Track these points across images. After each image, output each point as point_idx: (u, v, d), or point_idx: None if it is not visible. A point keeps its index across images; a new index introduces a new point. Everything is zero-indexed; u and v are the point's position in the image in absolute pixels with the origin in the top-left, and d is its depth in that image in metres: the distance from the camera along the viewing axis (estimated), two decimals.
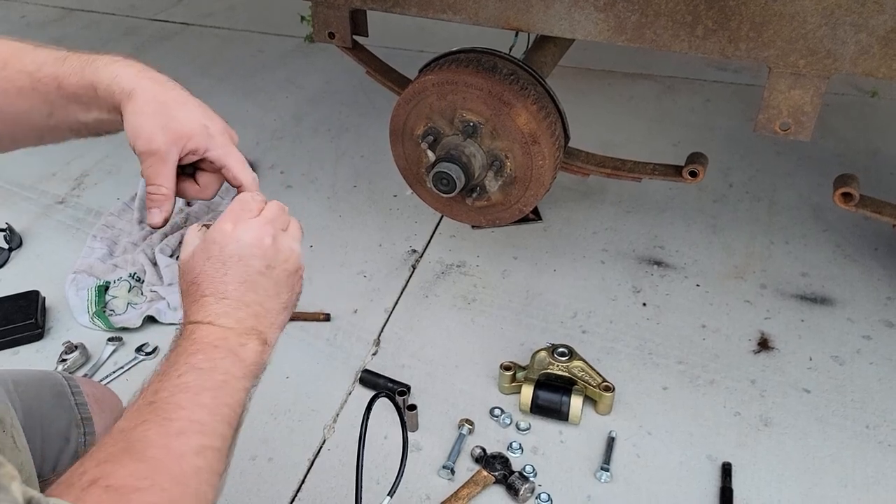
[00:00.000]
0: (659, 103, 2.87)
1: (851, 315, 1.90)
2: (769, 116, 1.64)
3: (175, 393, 0.66)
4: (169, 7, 3.92)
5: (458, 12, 1.78)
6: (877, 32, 1.45)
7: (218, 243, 0.79)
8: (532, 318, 1.95)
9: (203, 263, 0.78)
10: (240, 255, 0.79)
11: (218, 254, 0.79)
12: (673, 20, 1.59)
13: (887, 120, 2.71)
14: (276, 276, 0.81)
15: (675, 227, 2.24)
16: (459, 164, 1.74)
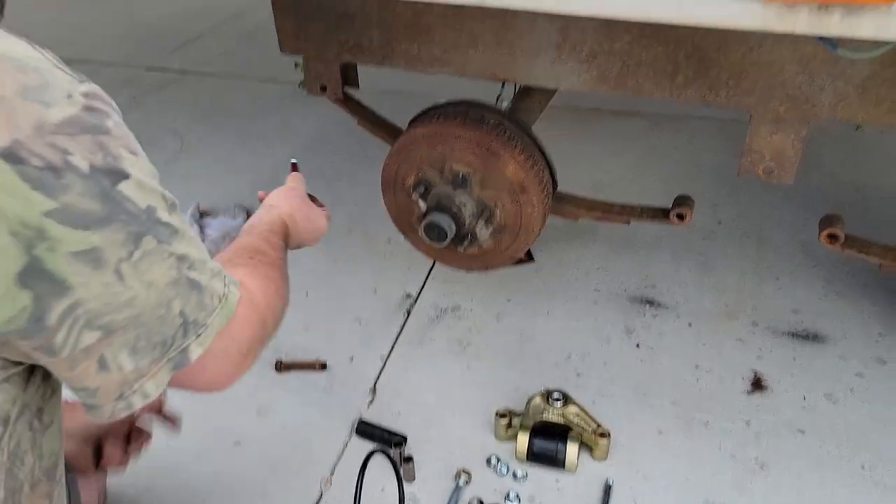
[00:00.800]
0: (646, 141, 2.92)
1: (843, 352, 1.91)
2: (752, 160, 1.67)
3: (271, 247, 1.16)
4: (166, 55, 3.99)
5: (445, 65, 1.82)
6: (853, 80, 1.49)
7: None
8: (527, 361, 1.96)
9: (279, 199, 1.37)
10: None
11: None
12: (654, 69, 1.64)
13: (872, 153, 2.75)
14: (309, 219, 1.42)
15: (666, 266, 2.27)
16: (450, 213, 1.77)
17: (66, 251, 0.63)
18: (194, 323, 0.75)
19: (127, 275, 0.67)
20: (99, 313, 0.66)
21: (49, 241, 0.62)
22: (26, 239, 0.61)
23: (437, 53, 1.81)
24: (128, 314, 0.68)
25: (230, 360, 0.84)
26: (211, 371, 0.81)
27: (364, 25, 1.85)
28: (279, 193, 1.40)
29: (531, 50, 1.71)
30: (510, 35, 1.71)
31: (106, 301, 0.66)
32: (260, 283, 0.96)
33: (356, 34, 1.87)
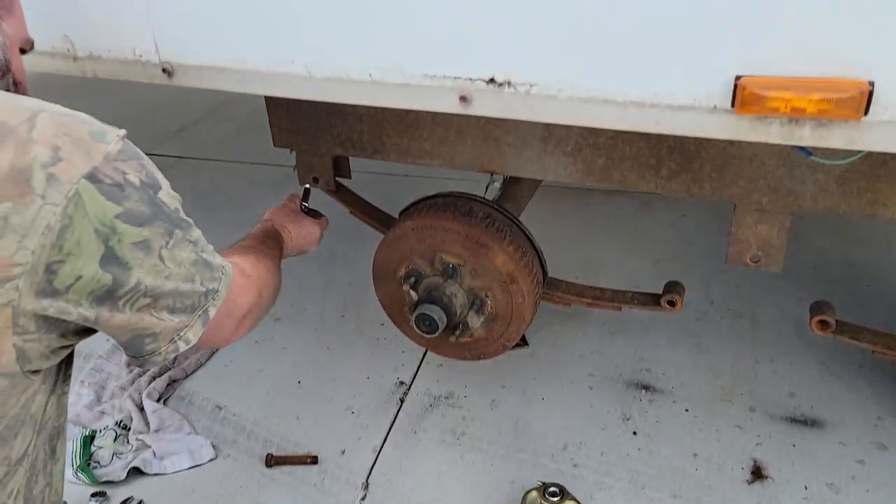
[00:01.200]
0: (637, 220, 2.95)
1: (843, 438, 1.89)
2: (739, 250, 1.69)
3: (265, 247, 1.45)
4: (163, 141, 4.07)
5: (435, 158, 1.86)
6: (833, 173, 1.52)
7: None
8: (522, 451, 1.93)
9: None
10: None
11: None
12: (638, 163, 1.67)
13: (860, 230, 2.78)
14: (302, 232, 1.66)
15: (661, 349, 2.26)
16: (441, 304, 1.78)
17: (129, 242, 0.89)
18: (210, 291, 1.02)
19: (166, 258, 0.94)
20: (150, 286, 0.93)
21: (118, 235, 0.88)
22: (104, 234, 0.87)
23: (426, 147, 1.84)
24: (167, 286, 0.95)
25: (234, 319, 1.11)
26: (218, 331, 1.08)
27: (354, 120, 1.89)
28: (273, 211, 1.69)
29: (518, 144, 1.75)
30: (497, 130, 1.75)
31: (153, 276, 0.93)
32: (251, 263, 1.25)
33: (347, 128, 1.91)
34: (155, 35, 1.46)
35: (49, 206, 0.82)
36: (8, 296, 0.83)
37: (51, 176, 0.83)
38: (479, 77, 1.22)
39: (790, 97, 0.97)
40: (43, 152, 0.84)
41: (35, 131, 0.85)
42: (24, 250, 0.82)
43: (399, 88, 1.29)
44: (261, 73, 1.40)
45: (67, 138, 0.86)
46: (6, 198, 0.81)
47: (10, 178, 0.81)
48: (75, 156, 0.85)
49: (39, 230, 0.82)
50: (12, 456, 0.94)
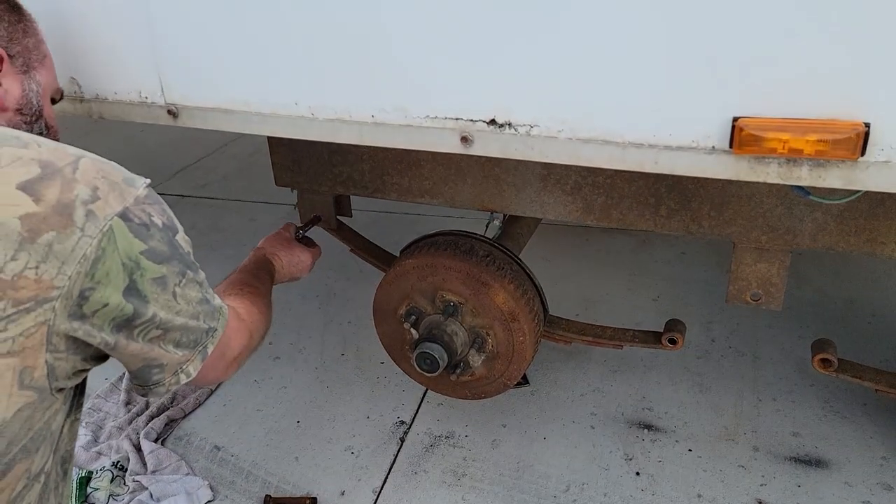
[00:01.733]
0: (636, 257, 2.96)
1: (848, 478, 1.86)
2: (739, 288, 1.69)
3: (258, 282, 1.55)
4: (164, 180, 4.10)
5: (435, 197, 1.88)
6: (831, 211, 1.53)
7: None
8: (524, 493, 1.90)
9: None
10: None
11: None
12: (637, 202, 1.69)
13: (858, 267, 2.79)
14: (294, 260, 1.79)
15: (662, 387, 2.24)
16: (442, 343, 1.77)
17: (150, 277, 0.99)
18: (211, 329, 1.11)
19: (178, 295, 1.03)
20: (162, 319, 1.01)
21: (141, 270, 0.97)
22: (129, 268, 0.96)
23: (426, 186, 1.86)
24: (178, 322, 1.04)
25: (226, 361, 1.19)
26: (212, 370, 1.15)
27: (356, 159, 1.91)
28: (267, 238, 1.80)
29: (518, 183, 1.77)
30: (497, 169, 1.77)
31: (166, 311, 1.02)
32: (246, 307, 1.32)
33: (348, 168, 1.93)
34: (161, 77, 1.48)
35: (87, 238, 0.93)
36: (45, 315, 0.92)
37: (90, 212, 0.94)
38: (480, 118, 1.24)
39: (787, 138, 0.99)
40: (84, 191, 0.95)
41: (78, 172, 0.96)
42: (62, 275, 0.91)
43: (401, 130, 1.31)
44: (264, 114, 1.42)
45: (105, 181, 0.98)
46: (52, 228, 0.91)
47: (56, 211, 0.92)
48: (111, 196, 0.97)
49: (77, 258, 0.92)
50: (32, 469, 1.00)
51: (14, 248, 0.89)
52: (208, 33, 1.38)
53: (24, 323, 0.90)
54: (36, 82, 1.28)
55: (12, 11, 1.25)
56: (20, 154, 0.95)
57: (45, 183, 0.93)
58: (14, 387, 0.92)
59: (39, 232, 0.90)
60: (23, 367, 0.92)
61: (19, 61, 1.25)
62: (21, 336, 0.90)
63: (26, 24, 1.27)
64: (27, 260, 0.90)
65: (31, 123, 1.27)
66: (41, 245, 0.90)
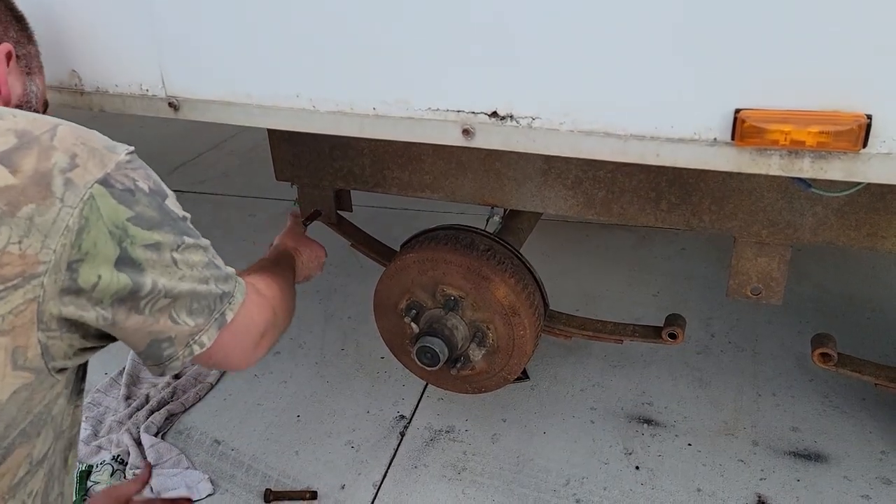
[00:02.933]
0: (636, 253, 2.96)
1: (847, 473, 1.87)
2: (739, 282, 1.69)
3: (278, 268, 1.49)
4: (164, 176, 4.07)
5: (436, 191, 1.88)
6: (832, 205, 1.53)
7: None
8: (524, 486, 1.91)
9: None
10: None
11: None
12: (638, 196, 1.69)
13: (858, 263, 2.79)
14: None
15: (662, 382, 2.25)
16: (442, 337, 1.77)
17: (141, 244, 0.94)
18: (226, 294, 1.06)
19: (178, 260, 0.99)
20: (165, 286, 0.97)
21: (130, 238, 0.93)
22: (117, 236, 0.92)
23: (427, 180, 1.86)
24: (182, 287, 0.99)
25: (251, 338, 1.13)
26: (237, 347, 1.11)
27: (356, 154, 1.91)
28: (283, 234, 1.72)
29: (518, 177, 1.77)
30: (498, 163, 1.77)
31: (167, 278, 0.98)
32: (266, 282, 1.27)
33: (349, 162, 1.93)
34: (162, 70, 1.48)
35: (67, 208, 0.90)
36: (34, 292, 0.89)
37: (68, 180, 0.90)
38: (482, 111, 1.24)
39: (789, 130, 0.99)
40: (62, 158, 0.92)
41: (56, 139, 0.93)
42: (46, 249, 0.88)
43: (403, 122, 1.31)
44: (266, 107, 1.42)
45: (84, 147, 0.94)
46: (31, 200, 0.88)
47: (34, 181, 0.89)
48: (90, 163, 0.93)
49: (60, 230, 0.89)
50: (34, 455, 0.98)
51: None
52: (210, 25, 1.38)
53: (13, 300, 0.88)
54: (36, 85, 1.28)
55: (18, 20, 1.27)
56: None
57: (21, 153, 0.90)
58: (7, 367, 0.90)
59: (18, 205, 0.88)
60: (14, 346, 0.89)
61: (23, 62, 1.26)
62: (10, 314, 0.88)
63: (29, 35, 1.29)
64: (9, 235, 0.87)
65: None
66: (21, 219, 0.87)
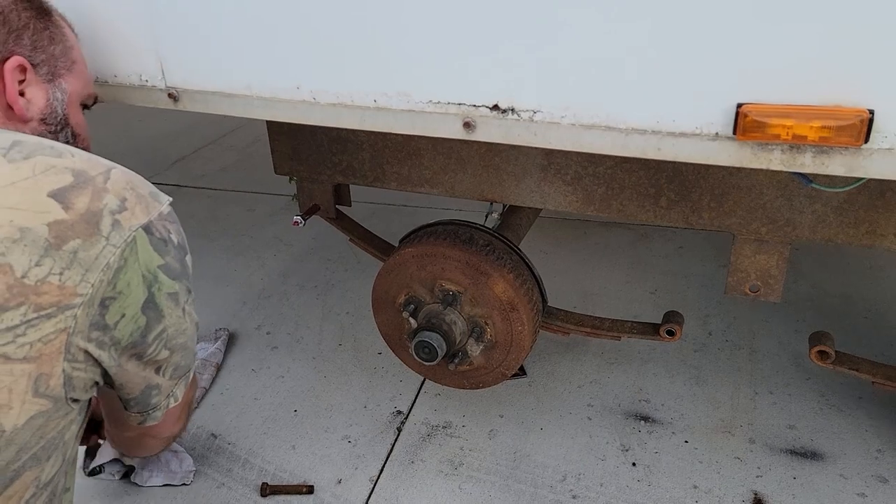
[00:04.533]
0: (634, 251, 2.96)
1: (843, 471, 1.87)
2: (738, 280, 1.70)
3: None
4: (163, 170, 4.09)
5: (435, 186, 1.87)
6: (831, 203, 1.53)
7: None
8: (521, 482, 1.90)
9: None
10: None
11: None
12: (637, 193, 1.69)
13: (856, 261, 2.80)
14: None
15: (659, 379, 2.25)
16: (440, 332, 1.77)
17: (165, 292, 1.02)
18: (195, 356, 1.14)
19: (186, 313, 1.07)
20: (171, 337, 1.04)
21: (158, 284, 1.00)
22: (148, 280, 0.99)
23: (426, 175, 1.86)
24: (182, 341, 1.06)
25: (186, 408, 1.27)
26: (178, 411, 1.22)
27: (356, 148, 1.91)
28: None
29: (518, 172, 1.77)
30: (497, 158, 1.77)
31: (176, 329, 1.04)
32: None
33: (348, 156, 1.93)
34: (161, 60, 1.48)
35: (111, 247, 0.95)
36: (66, 322, 0.91)
37: (116, 222, 0.96)
38: (483, 104, 1.23)
39: (791, 124, 0.99)
40: (113, 201, 0.98)
41: (109, 182, 0.99)
42: (85, 283, 0.92)
43: (403, 115, 1.31)
44: (266, 98, 1.41)
45: (133, 192, 1.01)
46: (78, 235, 0.93)
47: (84, 219, 0.94)
48: (138, 208, 1.00)
49: (101, 267, 0.93)
50: (42, 478, 0.98)
51: (39, 254, 0.89)
52: (209, 15, 1.37)
53: (44, 329, 0.89)
54: (62, 90, 1.25)
55: (39, 17, 1.20)
56: (54, 163, 0.97)
57: (76, 191, 0.95)
58: (28, 394, 0.90)
59: (66, 239, 0.91)
60: (39, 373, 0.90)
61: (44, 69, 1.21)
62: (39, 342, 0.89)
63: (53, 31, 1.23)
64: (52, 266, 0.90)
65: (55, 133, 1.24)
66: (66, 252, 0.91)
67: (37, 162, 0.96)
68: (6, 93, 1.15)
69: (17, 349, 0.88)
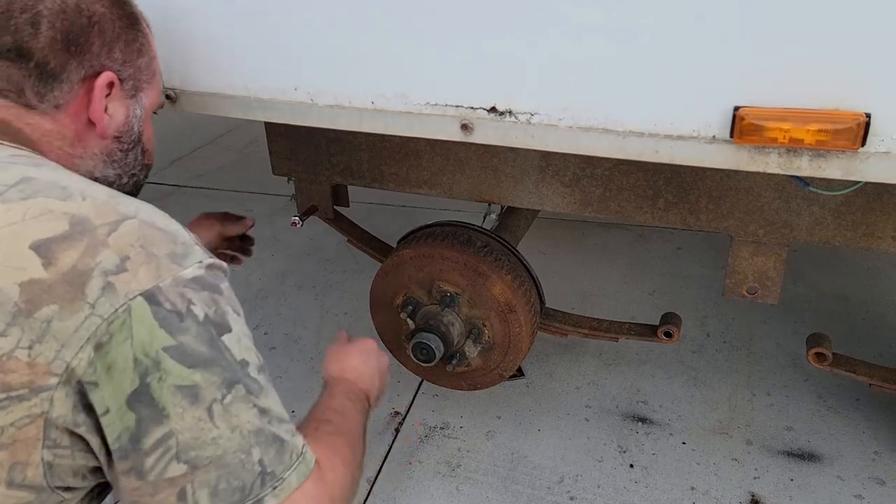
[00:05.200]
0: (632, 252, 2.97)
1: (841, 472, 1.87)
2: (736, 281, 1.70)
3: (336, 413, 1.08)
4: (161, 169, 4.08)
5: (433, 187, 1.87)
6: (828, 205, 1.54)
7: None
8: (518, 484, 1.91)
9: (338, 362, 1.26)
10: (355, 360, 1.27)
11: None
12: (635, 194, 1.69)
13: (853, 263, 2.80)
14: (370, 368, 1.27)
15: (657, 380, 2.25)
16: (438, 333, 1.77)
17: (172, 384, 0.77)
18: (272, 475, 0.81)
19: (217, 415, 0.78)
20: (187, 446, 0.77)
21: (160, 373, 0.76)
22: (143, 367, 0.76)
23: (425, 176, 1.86)
24: (212, 453, 0.78)
25: None
26: None
27: (354, 149, 1.91)
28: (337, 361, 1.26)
29: (516, 174, 1.77)
30: (495, 160, 1.77)
31: (195, 435, 0.77)
32: (327, 455, 0.93)
33: (346, 157, 1.92)
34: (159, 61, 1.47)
35: (95, 317, 0.75)
36: (41, 406, 0.75)
37: (108, 285, 0.76)
38: (481, 106, 1.23)
39: (788, 128, 0.99)
40: (110, 259, 0.78)
41: (114, 235, 0.80)
42: (60, 361, 0.75)
43: (401, 117, 1.30)
44: (263, 100, 1.41)
45: (142, 250, 0.80)
46: (55, 300, 0.75)
47: (66, 279, 0.76)
48: (142, 269, 0.79)
49: (80, 342, 0.75)
50: None
51: (6, 322, 0.74)
52: (208, 16, 1.37)
53: (16, 412, 0.75)
54: (141, 106, 1.10)
55: (130, 28, 1.07)
56: (53, 207, 0.81)
57: (65, 244, 0.77)
58: (1, 486, 0.76)
59: (38, 304, 0.75)
60: (12, 462, 0.76)
61: (129, 84, 1.07)
62: (12, 427, 0.75)
63: (142, 42, 1.10)
64: (19, 337, 0.74)
65: (126, 151, 1.10)
66: (38, 321, 0.74)
67: (34, 204, 0.80)
68: (92, 109, 1.01)
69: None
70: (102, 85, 1.00)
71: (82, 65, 0.98)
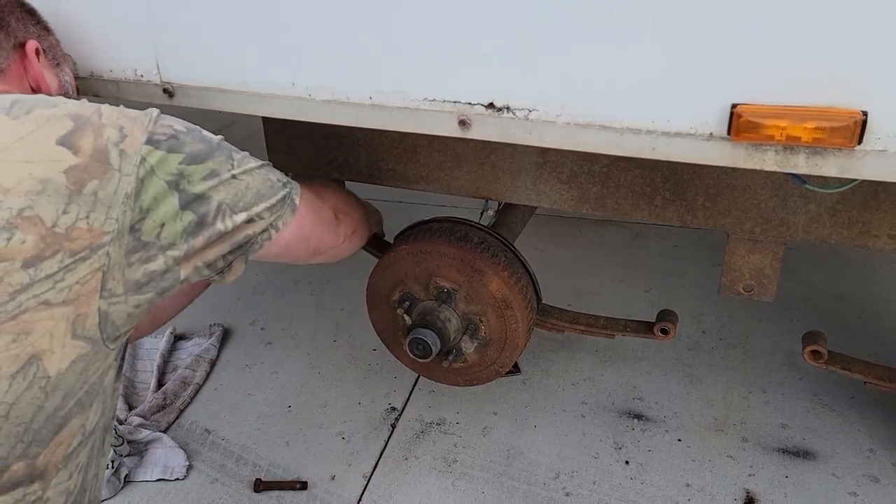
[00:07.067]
0: (629, 249, 2.97)
1: (836, 470, 1.88)
2: (732, 279, 1.70)
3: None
4: None
5: (430, 183, 1.87)
6: (825, 203, 1.54)
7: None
8: (514, 479, 1.91)
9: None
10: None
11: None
12: (632, 191, 1.69)
13: (849, 262, 2.81)
14: None
15: (653, 378, 2.25)
16: (434, 329, 1.77)
17: (198, 177, 1.06)
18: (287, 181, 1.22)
19: (237, 174, 1.12)
20: (234, 202, 1.10)
21: (187, 178, 1.04)
22: (174, 182, 1.03)
23: (422, 172, 1.86)
24: (251, 195, 1.13)
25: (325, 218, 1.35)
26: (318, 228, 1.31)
27: (351, 145, 1.90)
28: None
29: (513, 170, 1.77)
30: (493, 156, 1.77)
31: (235, 194, 1.10)
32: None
33: (344, 153, 1.92)
34: (157, 56, 1.47)
35: (125, 177, 0.99)
36: (100, 261, 0.96)
37: (122, 151, 1.00)
38: (479, 102, 1.23)
39: (785, 125, 0.99)
40: (113, 133, 1.01)
41: (104, 117, 1.03)
42: (110, 220, 0.97)
43: (399, 112, 1.30)
44: (261, 94, 1.41)
45: (126, 118, 1.05)
46: (94, 176, 0.97)
47: (94, 158, 0.98)
48: (135, 130, 1.03)
49: (121, 199, 0.98)
50: (87, 426, 1.01)
51: (64, 202, 0.94)
52: (206, 11, 1.37)
53: (81, 271, 0.95)
54: (67, 75, 1.34)
55: (31, 14, 1.31)
56: (52, 112, 1.01)
57: (79, 134, 0.99)
58: (67, 336, 0.95)
59: (83, 182, 0.96)
60: (76, 314, 0.95)
61: (50, 55, 1.31)
62: (77, 284, 0.94)
63: (45, 25, 1.34)
64: (77, 211, 0.95)
65: None
66: (87, 195, 0.95)
67: (38, 115, 1.00)
68: (32, 72, 1.24)
69: (56, 294, 0.93)
70: (31, 50, 1.24)
71: (9, 36, 1.23)
